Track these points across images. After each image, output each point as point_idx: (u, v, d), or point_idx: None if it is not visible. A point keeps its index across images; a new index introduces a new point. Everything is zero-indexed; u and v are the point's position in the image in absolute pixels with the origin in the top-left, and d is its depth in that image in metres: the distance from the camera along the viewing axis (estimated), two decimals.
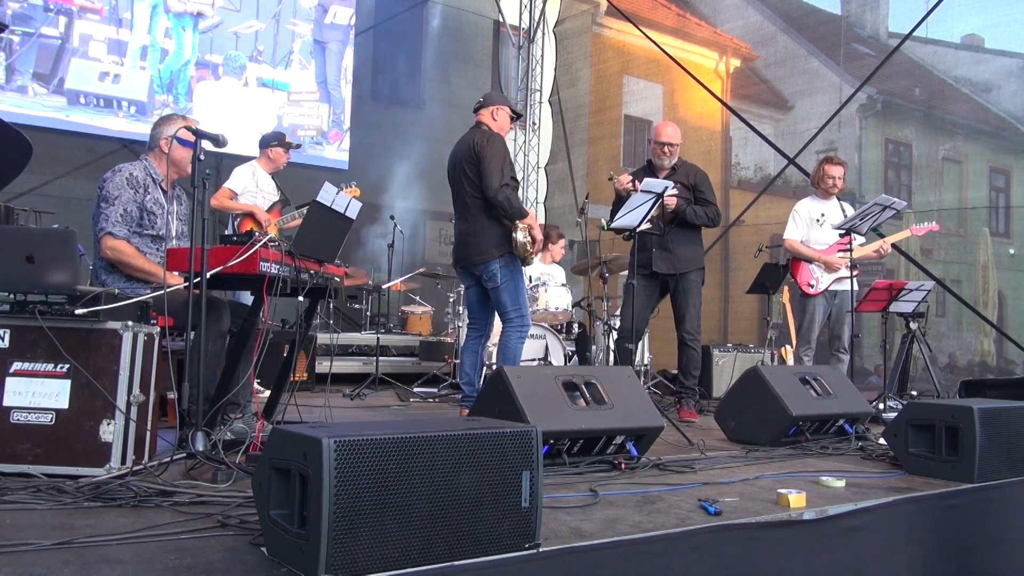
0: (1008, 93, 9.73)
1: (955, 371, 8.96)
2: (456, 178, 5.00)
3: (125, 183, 3.70)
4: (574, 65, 12.32)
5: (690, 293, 5.47)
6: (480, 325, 5.16)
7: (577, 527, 2.38)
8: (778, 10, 11.15)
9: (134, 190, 3.71)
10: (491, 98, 5.12)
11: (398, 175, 10.75)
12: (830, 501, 2.90)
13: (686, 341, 5.48)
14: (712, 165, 10.96)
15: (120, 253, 3.66)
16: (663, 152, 5.48)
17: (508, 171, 4.80)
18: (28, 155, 4.19)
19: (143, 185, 3.76)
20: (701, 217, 5.44)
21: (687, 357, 5.51)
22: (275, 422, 3.65)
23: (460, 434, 2.01)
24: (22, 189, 7.57)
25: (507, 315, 4.88)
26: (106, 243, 3.65)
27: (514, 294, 4.88)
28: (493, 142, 4.82)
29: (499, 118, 5.03)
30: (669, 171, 5.51)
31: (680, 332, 5.51)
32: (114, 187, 3.68)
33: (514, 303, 4.87)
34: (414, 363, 8.20)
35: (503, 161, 4.78)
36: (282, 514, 1.94)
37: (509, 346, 4.88)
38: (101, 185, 3.71)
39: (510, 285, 4.86)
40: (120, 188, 3.68)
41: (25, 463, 2.74)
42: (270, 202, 5.95)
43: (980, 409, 3.40)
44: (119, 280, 3.70)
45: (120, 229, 3.66)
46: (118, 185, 3.68)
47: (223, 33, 9.75)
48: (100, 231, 3.66)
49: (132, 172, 3.75)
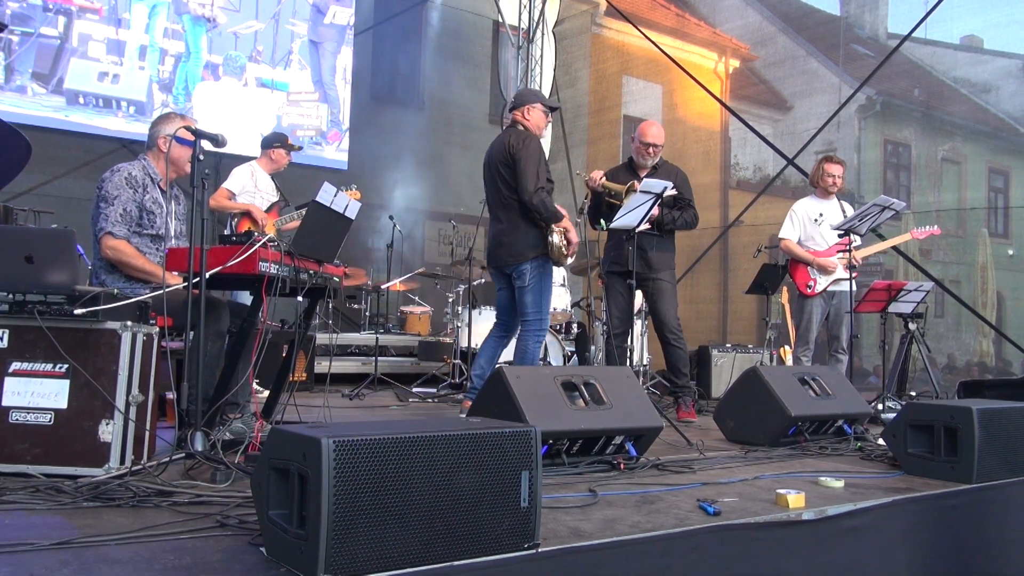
0: (1007, 94, 9.75)
1: (954, 372, 8.98)
2: (491, 179, 4.96)
3: (124, 183, 3.68)
4: (573, 65, 12.33)
5: (664, 293, 5.45)
6: (507, 325, 5.11)
7: (576, 527, 2.38)
8: (777, 10, 11.16)
9: (133, 189, 3.70)
10: (522, 96, 5.05)
11: (397, 175, 10.76)
12: (829, 501, 2.90)
13: (670, 341, 5.45)
14: (711, 165, 10.97)
15: (120, 253, 3.65)
16: (647, 152, 5.47)
17: (543, 173, 4.79)
18: (27, 155, 4.18)
19: (142, 184, 3.75)
20: (681, 223, 5.44)
21: (674, 356, 5.48)
22: (274, 422, 3.65)
23: (459, 434, 2.01)
24: (21, 189, 7.57)
25: (527, 316, 4.86)
26: (106, 243, 3.63)
27: (538, 296, 4.85)
28: (528, 144, 4.78)
29: (532, 117, 4.95)
30: (650, 171, 5.48)
31: (663, 333, 5.47)
32: (113, 187, 3.66)
33: (535, 305, 4.85)
34: (413, 363, 8.20)
35: (538, 163, 4.76)
36: (281, 514, 1.94)
37: (528, 349, 4.86)
38: (100, 185, 3.70)
39: (537, 287, 4.85)
40: (119, 188, 3.67)
41: (24, 463, 2.73)
42: (269, 203, 5.93)
43: (979, 410, 3.40)
44: (119, 280, 3.69)
45: (120, 229, 3.64)
46: (117, 185, 3.67)
47: (223, 33, 9.75)
48: (100, 231, 3.64)
49: (131, 172, 3.73)
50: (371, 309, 9.28)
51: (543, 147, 5.05)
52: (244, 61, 9.86)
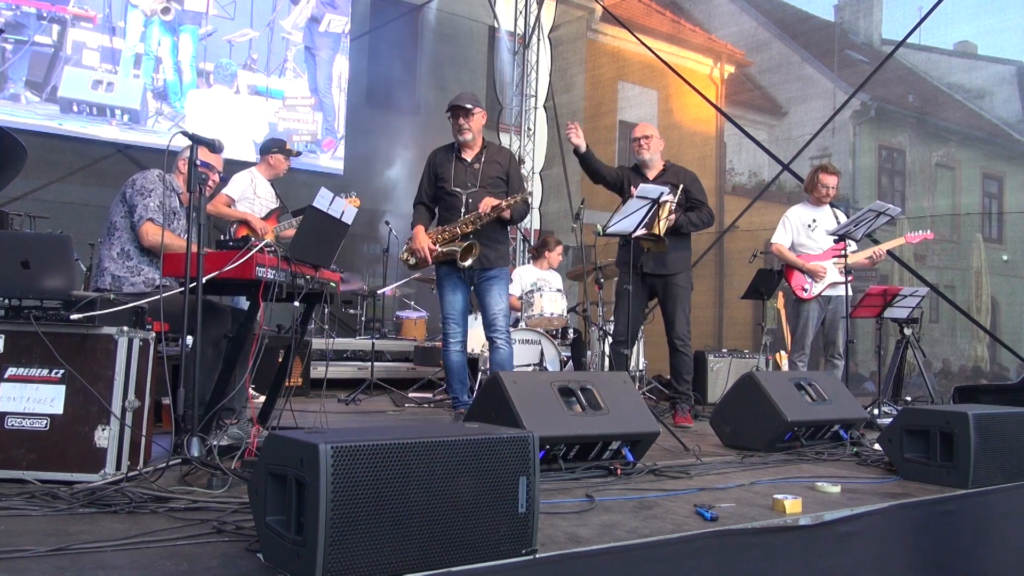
0: (1001, 100, 9.79)
1: (948, 377, 8.98)
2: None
3: (157, 179, 3.94)
4: (569, 71, 12.35)
5: (679, 297, 5.46)
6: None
7: (574, 533, 2.37)
8: (772, 16, 11.19)
9: (164, 188, 3.94)
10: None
11: (393, 181, 10.75)
12: (826, 507, 2.90)
13: (677, 347, 5.47)
14: (706, 171, 10.98)
15: (161, 236, 3.80)
16: (640, 146, 5.52)
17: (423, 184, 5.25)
18: (23, 159, 4.18)
19: (170, 187, 4.02)
20: (696, 223, 5.46)
21: (679, 362, 5.49)
22: (270, 428, 3.65)
23: (457, 440, 2.01)
24: (16, 194, 7.55)
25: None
26: (148, 228, 3.84)
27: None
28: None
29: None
30: (659, 172, 5.52)
31: (671, 337, 5.49)
32: (149, 182, 3.92)
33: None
34: (409, 368, 8.19)
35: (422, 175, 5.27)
36: (279, 520, 1.93)
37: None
38: (132, 183, 3.92)
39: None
40: (155, 183, 3.92)
41: (19, 469, 2.73)
42: (268, 209, 5.92)
43: (975, 415, 3.40)
44: (126, 272, 3.84)
45: (159, 216, 3.86)
46: (152, 180, 3.93)
47: (217, 41, 9.74)
48: (139, 220, 3.85)
49: (160, 172, 3.97)
50: (367, 314, 9.27)
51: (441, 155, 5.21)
52: (236, 69, 9.84)
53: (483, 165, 5.07)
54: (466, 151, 5.11)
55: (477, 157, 5.10)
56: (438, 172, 5.14)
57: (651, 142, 5.53)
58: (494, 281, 5.10)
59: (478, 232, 4.95)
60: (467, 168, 5.08)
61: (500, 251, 5.16)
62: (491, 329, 5.12)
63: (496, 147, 5.32)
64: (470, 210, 4.98)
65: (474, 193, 5.01)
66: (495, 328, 5.10)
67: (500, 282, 5.13)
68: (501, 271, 5.15)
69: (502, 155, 5.23)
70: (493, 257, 5.07)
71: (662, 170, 5.55)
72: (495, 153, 5.19)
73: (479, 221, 4.91)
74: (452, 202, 5.07)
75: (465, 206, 5.01)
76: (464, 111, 5.01)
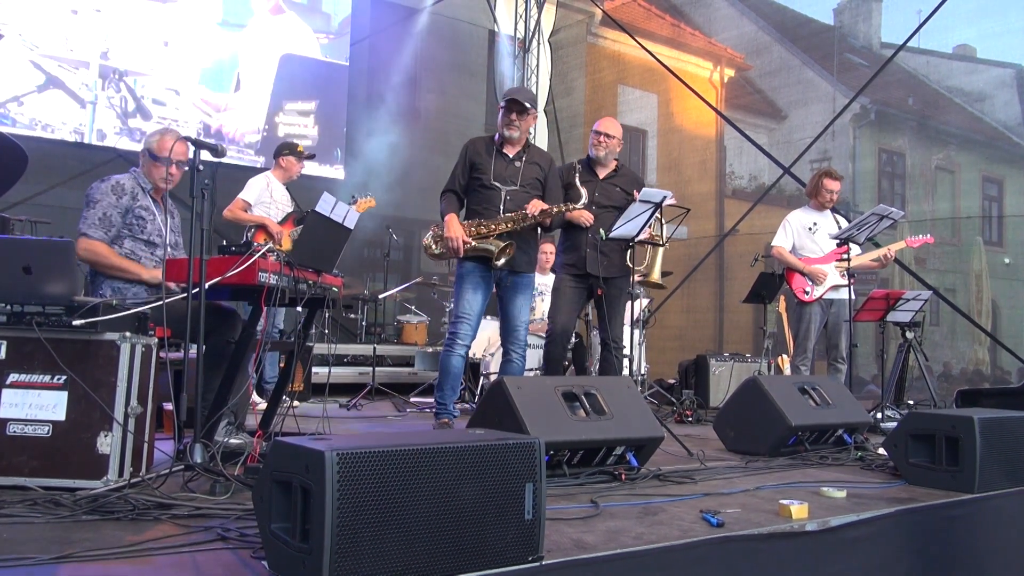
0: (1001, 103, 9.78)
1: (949, 380, 8.97)
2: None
3: (109, 190, 3.78)
4: (569, 75, 12.35)
5: (617, 299, 5.25)
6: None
7: (579, 539, 2.36)
8: (772, 20, 11.19)
9: (117, 196, 3.78)
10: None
11: (394, 185, 10.74)
12: (831, 512, 2.89)
13: (611, 348, 5.19)
14: (707, 174, 10.98)
15: (93, 253, 3.71)
16: (598, 141, 5.25)
17: (457, 173, 4.99)
18: (23, 164, 4.18)
19: (130, 192, 3.83)
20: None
21: (608, 364, 5.20)
22: (272, 433, 3.63)
23: (463, 446, 2.00)
24: (17, 199, 7.54)
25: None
26: (80, 244, 3.69)
27: (455, 296, 5.06)
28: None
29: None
30: (610, 171, 5.33)
31: (605, 336, 5.22)
32: (98, 193, 3.77)
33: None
34: (410, 373, 8.18)
35: (455, 165, 5.03)
36: (283, 527, 1.91)
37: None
38: (87, 192, 3.79)
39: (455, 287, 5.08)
40: (103, 194, 3.76)
41: (22, 476, 2.71)
42: (284, 213, 5.89)
43: (980, 419, 3.40)
44: (115, 281, 3.74)
45: (96, 231, 3.72)
46: (102, 191, 3.77)
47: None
48: (77, 233, 3.72)
49: (119, 180, 3.82)
50: (368, 319, 9.26)
51: (477, 146, 4.97)
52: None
53: (524, 164, 4.90)
54: (508, 147, 4.93)
55: (519, 155, 4.92)
56: (475, 162, 4.90)
57: (612, 143, 5.28)
58: (521, 287, 4.91)
59: (514, 233, 4.77)
60: (508, 164, 4.89)
61: (531, 256, 4.99)
62: (510, 340, 4.93)
63: (537, 149, 5.19)
64: (508, 208, 4.79)
65: (514, 191, 4.83)
66: (515, 340, 4.91)
67: (527, 289, 4.95)
68: (529, 278, 4.98)
69: (543, 158, 5.07)
70: (523, 262, 4.88)
71: (613, 170, 5.35)
72: (536, 155, 5.04)
73: (523, 222, 4.73)
74: (489, 196, 4.84)
75: (503, 203, 4.80)
76: (521, 107, 4.84)
